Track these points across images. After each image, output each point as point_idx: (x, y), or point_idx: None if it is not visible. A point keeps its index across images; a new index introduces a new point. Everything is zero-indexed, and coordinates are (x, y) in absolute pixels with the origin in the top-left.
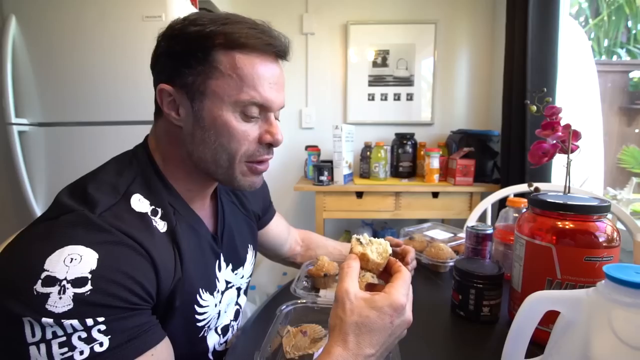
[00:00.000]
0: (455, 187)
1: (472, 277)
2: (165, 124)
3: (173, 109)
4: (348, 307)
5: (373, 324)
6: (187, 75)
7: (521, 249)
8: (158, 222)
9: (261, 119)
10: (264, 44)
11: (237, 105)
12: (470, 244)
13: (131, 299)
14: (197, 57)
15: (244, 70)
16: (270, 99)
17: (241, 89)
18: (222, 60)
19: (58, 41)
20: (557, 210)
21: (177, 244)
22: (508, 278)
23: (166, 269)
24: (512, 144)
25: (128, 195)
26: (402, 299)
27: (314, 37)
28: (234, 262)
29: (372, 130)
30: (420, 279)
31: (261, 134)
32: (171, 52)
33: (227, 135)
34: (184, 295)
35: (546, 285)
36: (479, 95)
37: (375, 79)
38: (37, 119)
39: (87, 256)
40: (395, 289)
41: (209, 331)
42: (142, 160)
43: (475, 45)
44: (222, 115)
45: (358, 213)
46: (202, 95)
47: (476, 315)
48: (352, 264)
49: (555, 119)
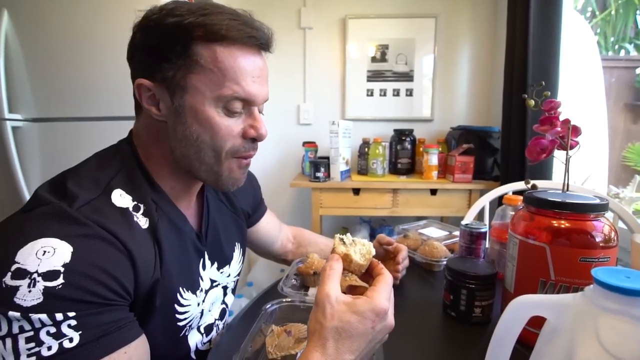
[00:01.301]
0: (454, 184)
1: (463, 277)
2: (146, 119)
3: (153, 104)
4: (328, 311)
5: (354, 330)
6: (167, 70)
7: (514, 249)
8: (140, 218)
9: (244, 113)
10: (245, 35)
11: (220, 100)
12: (464, 242)
13: (105, 294)
14: (176, 51)
15: (226, 64)
16: (253, 93)
17: (223, 84)
18: (202, 53)
19: (51, 36)
20: (552, 208)
21: (158, 241)
22: (502, 278)
23: (145, 266)
24: (512, 140)
25: (109, 190)
26: (385, 303)
27: (312, 31)
28: (219, 260)
29: (371, 126)
30: (413, 277)
31: (245, 129)
32: (148, 45)
33: (210, 131)
34: (163, 293)
35: (539, 286)
36: (479, 90)
37: (374, 74)
38: (31, 114)
39: (61, 249)
40: (377, 293)
41: (190, 330)
42: (125, 155)
43: (476, 40)
44: (204, 111)
45: (355, 210)
46: (183, 90)
47: (467, 316)
48: (334, 265)
49: (554, 114)
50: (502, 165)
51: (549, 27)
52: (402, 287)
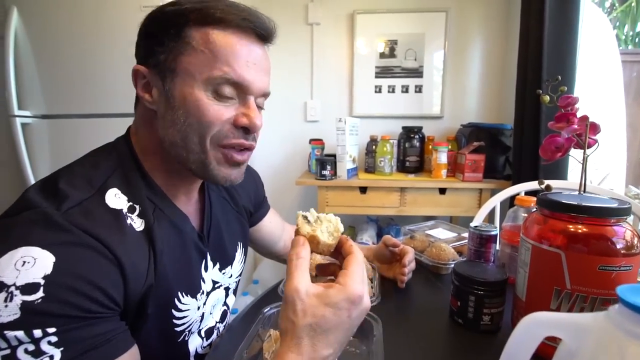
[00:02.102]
0: (463, 183)
1: (471, 283)
2: (142, 109)
3: (147, 91)
4: (299, 307)
5: (329, 323)
6: (159, 54)
7: (526, 254)
8: (135, 220)
9: (238, 101)
10: (241, 19)
11: (209, 82)
12: (472, 245)
13: (90, 307)
14: (170, 34)
15: (217, 45)
16: (246, 78)
17: (213, 65)
18: (194, 35)
19: (60, 33)
20: (568, 211)
21: (153, 245)
22: (513, 282)
23: (136, 273)
24: (525, 138)
25: (104, 189)
26: (359, 288)
27: (320, 27)
28: (221, 261)
29: (379, 123)
30: (419, 280)
31: (237, 116)
32: (147, 32)
33: (197, 115)
34: (159, 299)
35: (553, 295)
36: (491, 86)
37: (382, 70)
38: (40, 111)
39: (42, 259)
40: (350, 278)
41: (190, 335)
42: (122, 152)
43: (488, 34)
44: (192, 93)
45: (361, 209)
46: (173, 73)
47: (475, 324)
48: (301, 253)
49: (570, 110)
50: (515, 164)
51: (566, 19)
52: (407, 291)
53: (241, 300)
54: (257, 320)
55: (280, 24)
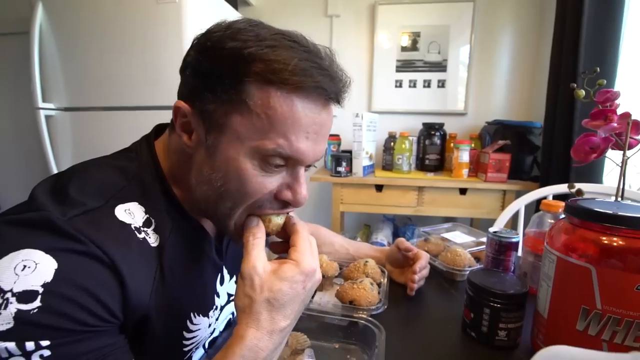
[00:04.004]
0: (486, 183)
1: (487, 294)
2: (178, 142)
3: (186, 131)
4: (257, 282)
5: (285, 296)
6: (208, 102)
7: (551, 267)
8: (150, 234)
9: (286, 170)
10: (314, 86)
11: (258, 152)
12: (491, 252)
13: (88, 321)
14: (224, 84)
15: (277, 112)
16: (302, 151)
17: (267, 134)
18: (253, 94)
19: (83, 27)
20: (601, 221)
21: (162, 263)
22: (535, 293)
23: (139, 290)
24: (556, 137)
25: (115, 201)
26: (311, 262)
27: (339, 19)
28: (237, 273)
29: (399, 119)
30: (431, 286)
31: (280, 188)
32: (198, 67)
33: (237, 184)
34: (169, 321)
35: (580, 315)
36: (521, 82)
37: (403, 64)
38: (63, 103)
39: (43, 265)
40: (301, 253)
41: (195, 350)
42: (145, 163)
43: (518, 25)
44: (237, 160)
45: (377, 207)
46: (220, 130)
47: (490, 339)
48: (257, 234)
49: (609, 107)
50: (543, 164)
51: (608, 4)
52: (417, 298)
53: None
54: None
55: (299, 16)
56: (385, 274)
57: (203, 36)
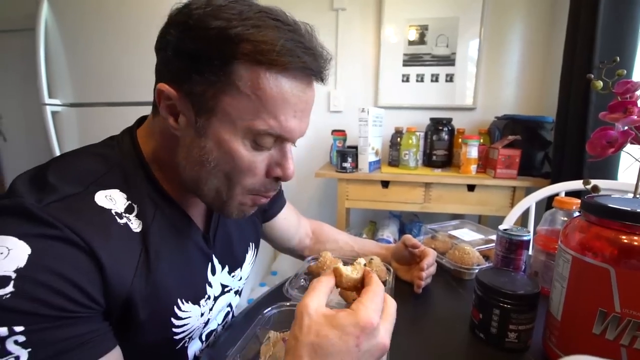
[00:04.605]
0: (495, 180)
1: (496, 294)
2: (162, 124)
3: (171, 114)
4: (305, 323)
5: (332, 346)
6: (197, 84)
7: (565, 267)
8: (132, 220)
9: (274, 148)
10: (301, 66)
11: (250, 132)
12: (500, 251)
13: (64, 306)
14: (213, 65)
15: (267, 93)
16: (291, 129)
17: (258, 115)
18: (243, 75)
19: (88, 23)
20: (621, 219)
21: (147, 248)
22: (547, 293)
23: (119, 274)
24: (569, 131)
25: (95, 187)
26: (372, 316)
27: (345, 12)
28: (230, 263)
29: (406, 114)
30: (438, 285)
31: (270, 166)
32: (182, 47)
33: (231, 164)
34: (155, 306)
35: (597, 318)
36: (532, 75)
37: (410, 58)
38: (69, 99)
39: (16, 250)
40: (363, 304)
41: (190, 341)
42: (126, 149)
43: (530, 17)
44: (229, 141)
45: (383, 204)
46: (211, 112)
47: (499, 341)
48: (322, 278)
49: (629, 98)
50: (555, 160)
51: None
52: (424, 296)
53: (258, 291)
54: (256, 320)
55: (304, 9)
56: (391, 272)
57: (181, 13)
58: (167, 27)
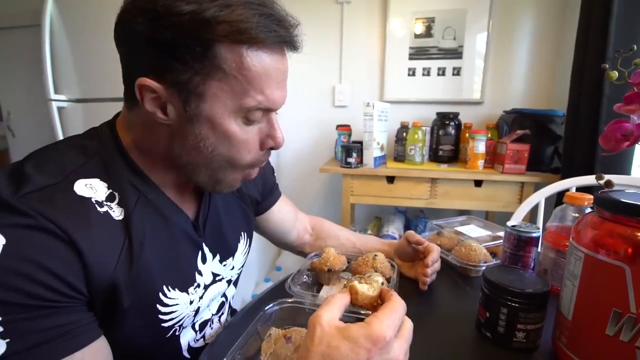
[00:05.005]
0: (503, 175)
1: (504, 292)
2: (144, 116)
3: (158, 106)
4: (317, 334)
5: (343, 358)
6: (180, 72)
7: (577, 265)
8: (114, 208)
9: (262, 120)
10: (277, 40)
11: (241, 110)
12: (509, 247)
13: (43, 295)
14: (195, 52)
15: (252, 71)
16: (276, 100)
17: (247, 93)
18: (226, 57)
19: (92, 19)
20: (636, 215)
21: (130, 235)
22: (557, 292)
23: (101, 262)
24: (580, 125)
25: (74, 177)
26: (385, 330)
27: (350, 5)
28: (221, 252)
29: (412, 109)
30: (443, 282)
31: (262, 139)
32: (156, 37)
33: (227, 144)
34: (139, 293)
35: (611, 319)
36: (541, 68)
37: (417, 51)
38: (75, 95)
39: None
40: (377, 318)
41: (182, 330)
42: (105, 138)
43: (540, 8)
44: (223, 123)
45: (388, 199)
46: (200, 99)
47: (506, 340)
48: (337, 295)
49: None
50: (565, 155)
51: None
52: (429, 294)
53: (263, 286)
54: (257, 317)
55: (308, 2)
56: (395, 269)
57: (148, 6)
58: (130, 15)
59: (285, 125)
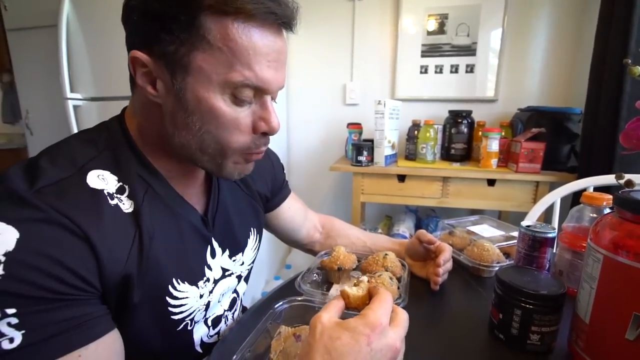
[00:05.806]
0: (517, 174)
1: (518, 294)
2: (141, 97)
3: (148, 81)
4: (319, 330)
5: (345, 346)
6: (167, 43)
7: (595, 266)
8: (124, 201)
9: (255, 102)
10: (265, 11)
11: (227, 86)
12: (523, 248)
13: (57, 288)
14: (180, 21)
15: (238, 43)
16: (267, 79)
17: (233, 67)
18: (211, 28)
19: (108, 18)
20: None
21: (140, 228)
22: (573, 294)
23: (113, 256)
24: (599, 123)
25: (87, 169)
26: (380, 317)
27: (362, 3)
28: (231, 247)
29: (424, 107)
30: (455, 282)
31: (254, 122)
32: (146, 10)
33: (215, 122)
34: (150, 285)
35: (631, 323)
36: (558, 64)
37: (429, 48)
38: (90, 93)
39: (4, 235)
40: (371, 309)
41: (194, 324)
42: (114, 131)
43: (558, 4)
44: (208, 98)
45: (399, 198)
46: (185, 71)
47: (520, 343)
48: (333, 300)
49: None
50: (582, 154)
51: None
52: (440, 294)
53: (273, 284)
54: (267, 315)
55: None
56: (406, 268)
57: None
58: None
59: (295, 123)
